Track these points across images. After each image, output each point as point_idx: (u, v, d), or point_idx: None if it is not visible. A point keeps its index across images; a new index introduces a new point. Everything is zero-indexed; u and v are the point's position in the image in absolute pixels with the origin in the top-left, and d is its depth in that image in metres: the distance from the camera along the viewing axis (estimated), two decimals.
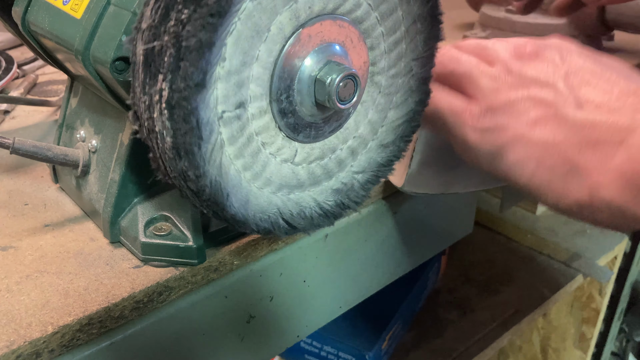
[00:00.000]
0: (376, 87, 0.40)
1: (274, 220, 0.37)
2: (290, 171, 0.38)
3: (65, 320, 0.34)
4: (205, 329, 0.41)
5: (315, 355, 0.84)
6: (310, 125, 0.37)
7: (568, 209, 0.38)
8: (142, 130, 0.32)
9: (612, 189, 0.35)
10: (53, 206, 0.46)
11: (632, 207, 0.34)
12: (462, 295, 0.95)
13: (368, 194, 0.42)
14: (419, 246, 0.57)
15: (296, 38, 0.34)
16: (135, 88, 0.31)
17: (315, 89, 0.35)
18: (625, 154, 0.34)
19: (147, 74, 0.30)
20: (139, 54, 0.30)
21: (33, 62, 0.75)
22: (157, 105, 0.30)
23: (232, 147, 0.34)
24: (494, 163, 0.40)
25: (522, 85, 0.39)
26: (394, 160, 0.43)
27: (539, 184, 0.38)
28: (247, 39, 0.31)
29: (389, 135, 0.42)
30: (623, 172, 0.34)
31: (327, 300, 0.50)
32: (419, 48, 0.40)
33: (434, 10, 0.39)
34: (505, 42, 0.42)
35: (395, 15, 0.38)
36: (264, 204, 0.36)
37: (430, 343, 0.87)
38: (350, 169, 0.41)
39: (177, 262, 0.39)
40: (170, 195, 0.41)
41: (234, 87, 0.32)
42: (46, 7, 0.40)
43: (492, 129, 0.40)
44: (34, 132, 0.59)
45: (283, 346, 0.47)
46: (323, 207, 0.40)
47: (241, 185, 0.35)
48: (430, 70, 0.41)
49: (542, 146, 0.37)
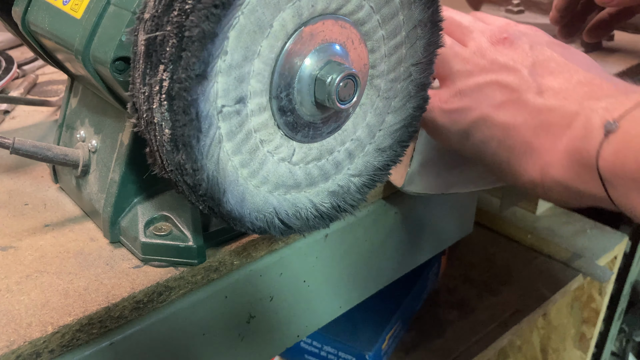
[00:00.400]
0: (375, 90, 0.40)
1: (270, 220, 0.37)
2: (287, 170, 0.38)
3: (65, 320, 0.34)
4: (205, 329, 0.41)
5: (315, 355, 0.84)
6: (309, 125, 0.37)
7: (524, 187, 0.41)
8: (141, 122, 0.32)
9: (559, 168, 0.38)
10: (53, 206, 0.46)
11: (576, 184, 0.37)
12: (462, 295, 0.95)
13: (364, 197, 0.42)
14: (419, 246, 0.57)
15: (298, 36, 0.34)
16: (135, 79, 0.31)
17: (316, 87, 0.35)
18: (570, 136, 0.37)
19: (148, 64, 0.30)
20: (141, 44, 0.30)
21: (33, 62, 0.75)
22: (156, 96, 0.30)
23: (230, 142, 0.33)
24: (462, 142, 0.43)
25: (491, 70, 0.41)
26: (390, 164, 0.43)
27: (500, 163, 0.41)
28: (250, 34, 0.31)
29: (386, 140, 0.42)
30: (567, 152, 0.37)
31: (327, 300, 0.50)
32: (418, 53, 0.40)
33: (435, 16, 0.39)
34: (483, 24, 0.44)
35: (396, 20, 0.38)
36: (260, 203, 0.36)
37: (430, 343, 0.87)
38: (347, 172, 0.41)
39: (177, 262, 0.39)
40: (170, 195, 0.41)
41: (234, 82, 0.32)
42: (46, 7, 0.40)
43: (460, 110, 0.42)
44: (34, 132, 0.59)
45: (283, 346, 0.47)
46: (319, 208, 0.40)
47: (238, 182, 0.35)
48: (429, 76, 0.41)
49: (503, 127, 0.40)
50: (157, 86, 0.29)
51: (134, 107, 0.32)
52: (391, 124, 0.42)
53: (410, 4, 0.38)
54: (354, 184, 0.41)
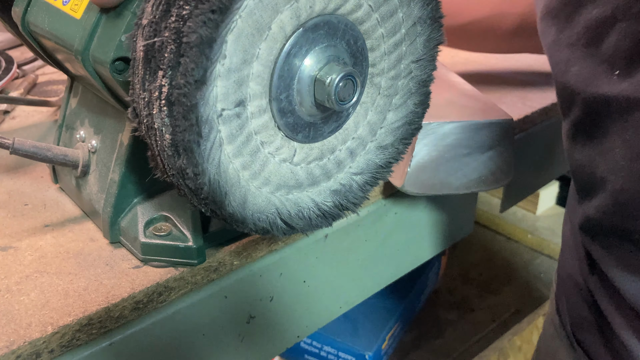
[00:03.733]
0: (376, 88, 0.40)
1: (272, 220, 0.37)
2: (288, 171, 0.38)
3: (65, 321, 0.34)
4: (205, 329, 0.41)
5: (315, 355, 0.84)
6: (310, 125, 0.37)
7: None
8: (141, 127, 0.32)
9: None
10: (53, 206, 0.46)
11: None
12: (462, 295, 0.95)
13: (366, 195, 0.42)
14: (419, 246, 0.57)
15: (297, 37, 0.34)
16: (135, 85, 0.31)
17: (315, 88, 0.35)
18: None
19: (147, 70, 0.30)
20: (139, 50, 0.30)
21: (33, 62, 0.75)
22: (156, 102, 0.30)
23: (231, 145, 0.33)
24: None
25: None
26: (392, 162, 0.43)
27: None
28: (248, 37, 0.31)
29: (388, 137, 0.42)
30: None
31: (327, 300, 0.50)
32: (419, 50, 0.40)
33: (435, 12, 0.39)
34: None
35: (395, 17, 0.38)
36: (262, 204, 0.36)
37: (430, 343, 0.87)
38: (348, 170, 0.41)
39: (177, 262, 0.39)
40: (170, 196, 0.41)
41: (234, 85, 0.32)
42: (46, 7, 0.40)
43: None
44: (34, 132, 0.59)
45: (283, 346, 0.47)
46: (321, 207, 0.40)
47: (239, 184, 0.35)
48: (430, 72, 0.41)
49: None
50: (156, 92, 0.30)
51: (134, 112, 0.32)
52: (393, 121, 0.42)
53: (409, 1, 0.38)
54: (356, 182, 0.41)
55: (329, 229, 0.46)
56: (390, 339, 0.84)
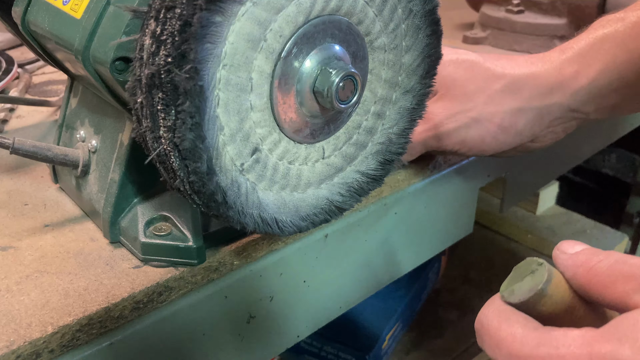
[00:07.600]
0: (379, 50, 0.39)
1: (328, 210, 0.39)
2: (324, 166, 0.39)
3: (65, 321, 0.34)
4: (205, 329, 0.41)
5: (315, 355, 0.84)
6: (326, 123, 0.38)
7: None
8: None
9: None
10: (53, 206, 0.46)
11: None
12: (462, 295, 0.95)
13: (408, 139, 0.42)
14: (419, 246, 0.57)
15: (279, 77, 0.34)
16: (166, 183, 0.33)
17: (315, 95, 0.35)
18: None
19: (166, 172, 0.32)
20: (154, 160, 0.32)
21: (33, 62, 0.75)
22: (182, 186, 0.32)
23: (262, 182, 0.35)
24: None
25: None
26: (424, 98, 0.42)
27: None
28: (235, 100, 0.32)
29: (411, 79, 0.41)
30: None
31: (327, 300, 0.50)
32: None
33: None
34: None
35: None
36: (313, 202, 0.38)
37: (430, 343, 0.87)
38: (382, 128, 0.41)
39: (177, 262, 0.39)
40: (170, 196, 0.41)
41: (242, 142, 0.33)
42: (46, 7, 0.40)
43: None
44: (34, 132, 0.59)
45: (283, 346, 0.47)
46: (369, 174, 0.41)
47: (285, 203, 0.37)
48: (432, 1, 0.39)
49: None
50: (181, 186, 0.32)
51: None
52: (410, 63, 0.41)
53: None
54: (394, 134, 0.42)
55: (329, 228, 0.46)
56: (390, 339, 0.84)
